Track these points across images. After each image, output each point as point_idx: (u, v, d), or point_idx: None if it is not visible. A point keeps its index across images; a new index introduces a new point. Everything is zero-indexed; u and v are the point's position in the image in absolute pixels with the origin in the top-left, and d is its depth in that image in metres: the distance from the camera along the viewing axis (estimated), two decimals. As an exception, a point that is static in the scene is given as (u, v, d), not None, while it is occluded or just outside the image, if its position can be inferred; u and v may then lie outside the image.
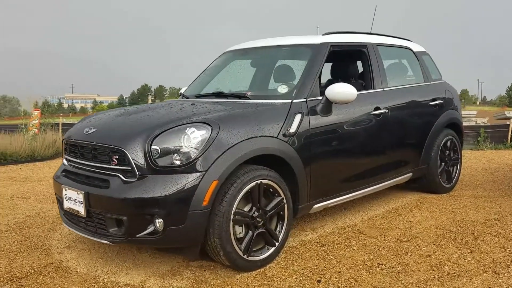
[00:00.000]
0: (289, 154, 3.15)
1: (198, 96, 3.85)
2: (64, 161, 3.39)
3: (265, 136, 3.02)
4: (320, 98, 3.44)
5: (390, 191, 4.80)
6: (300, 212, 3.38)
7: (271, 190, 3.08)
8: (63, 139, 3.41)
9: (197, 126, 2.83)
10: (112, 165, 2.90)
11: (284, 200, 3.15)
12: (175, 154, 2.75)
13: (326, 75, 5.10)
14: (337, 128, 3.53)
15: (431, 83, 4.79)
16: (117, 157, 2.87)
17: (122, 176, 2.83)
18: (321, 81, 5.20)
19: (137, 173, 2.76)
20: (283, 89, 3.51)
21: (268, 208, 3.05)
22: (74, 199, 3.02)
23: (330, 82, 4.79)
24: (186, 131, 2.79)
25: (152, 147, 2.76)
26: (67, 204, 3.13)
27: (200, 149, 2.75)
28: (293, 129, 3.19)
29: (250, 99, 3.45)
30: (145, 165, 2.75)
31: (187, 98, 3.96)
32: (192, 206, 2.71)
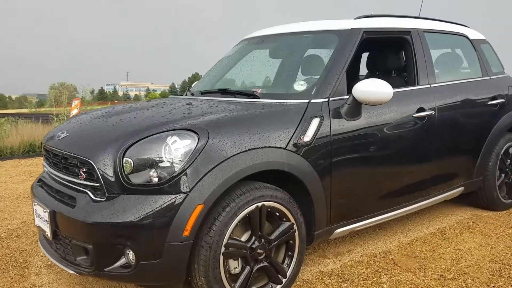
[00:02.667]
0: (302, 168, 2.51)
1: (203, 93, 3.26)
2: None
3: (270, 147, 2.39)
4: (347, 97, 2.76)
5: (437, 206, 4.03)
6: (317, 239, 2.73)
7: (278, 213, 2.46)
8: (41, 142, 2.93)
9: (180, 134, 2.24)
10: (80, 179, 2.38)
11: (295, 226, 2.52)
12: (152, 170, 2.18)
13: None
14: (367, 134, 2.83)
15: (491, 77, 3.95)
16: (85, 170, 2.35)
17: (91, 193, 2.30)
18: (360, 74, 4.53)
19: (105, 191, 2.23)
20: (300, 86, 2.85)
21: (272, 237, 2.44)
22: (42, 216, 2.54)
23: (369, 76, 4.07)
24: (166, 140, 2.22)
25: (124, 159, 2.20)
26: (36, 221, 2.65)
27: (183, 164, 2.17)
28: (307, 137, 2.53)
29: (259, 98, 2.82)
30: (115, 182, 2.21)
31: (192, 94, 3.38)
32: (170, 237, 2.14)
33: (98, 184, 2.26)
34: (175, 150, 2.19)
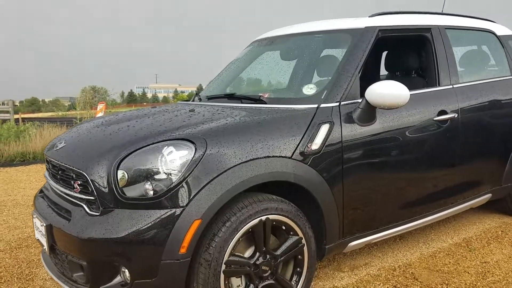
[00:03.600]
0: (310, 179, 2.33)
1: (209, 98, 3.12)
2: None
3: (274, 156, 2.23)
4: (360, 101, 2.57)
5: (463, 214, 3.77)
6: (329, 253, 2.56)
7: (284, 227, 2.30)
8: (44, 152, 2.86)
9: (177, 144, 2.11)
10: (75, 192, 2.27)
11: (303, 240, 2.35)
12: (148, 182, 2.05)
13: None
14: (382, 140, 2.64)
15: (521, 75, 3.66)
16: (79, 182, 2.24)
17: (87, 207, 2.20)
18: (381, 73, 4.31)
19: (100, 205, 2.11)
20: (309, 89, 2.67)
21: (278, 252, 2.28)
22: (40, 230, 2.45)
23: (387, 78, 3.86)
24: (162, 151, 2.09)
25: (119, 171, 2.09)
26: (36, 235, 2.57)
27: (179, 176, 2.03)
28: (316, 145, 2.36)
29: (266, 103, 2.66)
30: (110, 195, 2.09)
31: (200, 99, 3.25)
32: (166, 254, 2.01)
33: (92, 198, 2.16)
34: (171, 161, 2.06)
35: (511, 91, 3.49)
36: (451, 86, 3.10)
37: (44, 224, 2.33)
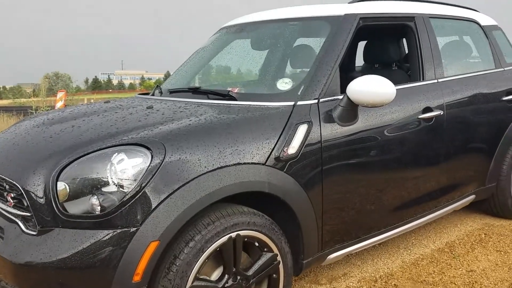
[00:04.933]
0: (286, 187, 2.04)
1: (171, 92, 2.77)
2: None
3: (245, 163, 1.92)
4: (340, 97, 2.28)
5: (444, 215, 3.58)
6: (307, 268, 2.28)
7: (258, 243, 2.00)
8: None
9: (129, 150, 1.77)
10: (9, 206, 1.91)
11: (279, 257, 2.06)
12: (94, 197, 1.71)
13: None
14: (364, 141, 2.37)
15: (505, 69, 3.47)
16: (13, 195, 1.88)
17: (22, 225, 1.84)
18: (356, 65, 4.05)
19: (36, 223, 1.76)
20: (284, 84, 2.37)
21: (250, 272, 1.98)
22: (-31, 249, 2.07)
23: (364, 70, 3.60)
24: (111, 159, 1.75)
25: (58, 183, 1.74)
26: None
27: (132, 189, 1.70)
28: (292, 148, 2.07)
29: (236, 99, 2.34)
30: (48, 211, 1.74)
31: (161, 93, 2.89)
32: (116, 283, 1.68)
33: (28, 214, 1.80)
34: (122, 171, 1.72)
35: (495, 85, 3.29)
36: (436, 80, 2.86)
37: (-27, 244, 1.96)
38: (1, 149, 2.08)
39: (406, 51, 3.40)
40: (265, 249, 2.03)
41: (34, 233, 1.78)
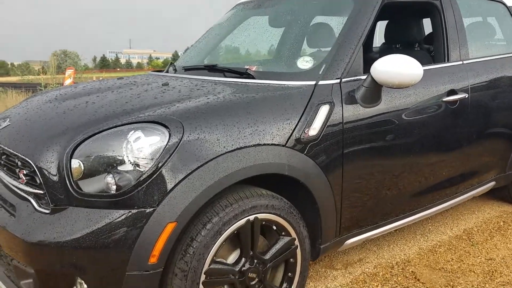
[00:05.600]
0: (306, 170, 1.97)
1: (186, 70, 2.69)
2: None
3: (265, 144, 1.85)
4: (364, 77, 2.19)
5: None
6: (324, 253, 2.22)
7: (276, 227, 1.94)
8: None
9: (146, 128, 1.70)
10: (21, 183, 1.86)
11: (296, 242, 2.01)
12: (109, 175, 1.65)
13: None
14: (387, 124, 2.28)
15: (531, 51, 3.33)
16: (25, 172, 1.82)
17: (35, 202, 1.79)
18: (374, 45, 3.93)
19: (50, 201, 1.71)
20: (305, 63, 2.28)
21: (268, 256, 1.93)
22: (-20, 226, 2.03)
23: (384, 50, 3.48)
24: (128, 136, 1.68)
25: (73, 161, 1.67)
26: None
27: (148, 169, 1.64)
28: (314, 130, 1.99)
29: (254, 78, 2.25)
30: (62, 189, 1.69)
31: (175, 70, 2.81)
32: (131, 265, 1.63)
33: (41, 192, 1.75)
34: (139, 149, 1.65)
35: (521, 69, 3.16)
36: (461, 62, 2.75)
37: (-17, 220, 1.92)
38: (12, 124, 2.02)
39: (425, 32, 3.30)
40: (283, 233, 1.97)
41: (47, 211, 1.72)
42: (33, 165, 1.74)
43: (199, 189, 1.67)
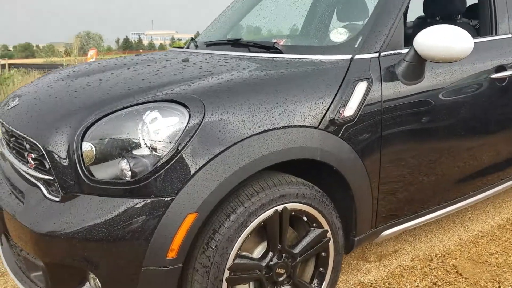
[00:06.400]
0: (341, 155, 1.77)
1: (208, 45, 2.49)
2: None
3: (296, 126, 1.65)
4: (405, 51, 1.96)
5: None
6: (358, 245, 2.03)
7: (306, 218, 1.76)
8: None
9: (163, 108, 1.52)
10: (30, 168, 1.71)
11: (329, 234, 1.82)
12: (124, 160, 1.48)
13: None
14: (430, 103, 2.05)
15: None
16: (34, 156, 1.67)
17: (45, 189, 1.64)
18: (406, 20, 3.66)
19: (59, 189, 1.56)
20: (339, 35, 2.05)
21: (297, 250, 1.75)
22: (-11, 213, 1.90)
23: (421, 25, 3.21)
24: (144, 117, 1.50)
25: (84, 144, 1.51)
26: (-12, 217, 2.02)
27: (166, 153, 1.47)
28: (350, 110, 1.78)
29: (282, 52, 2.04)
30: (72, 175, 1.53)
31: (196, 46, 2.61)
32: (148, 260, 1.47)
33: (51, 177, 1.60)
34: (155, 132, 1.48)
35: None
36: (510, 35, 2.48)
37: (-8, 207, 1.79)
38: (21, 104, 1.86)
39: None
40: (314, 225, 1.78)
41: (57, 199, 1.57)
42: (41, 148, 1.58)
43: (222, 176, 1.49)
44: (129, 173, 1.48)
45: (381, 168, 1.94)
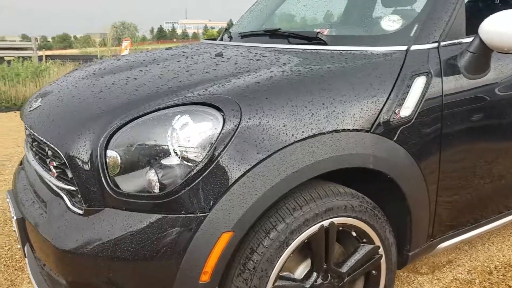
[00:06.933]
0: (395, 161, 1.55)
1: (243, 36, 2.30)
2: None
3: (345, 130, 1.44)
4: (467, 41, 1.71)
5: None
6: (413, 260, 1.81)
7: (355, 232, 1.56)
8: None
9: (195, 112, 1.35)
10: (52, 176, 1.58)
11: (381, 250, 1.61)
12: (151, 172, 1.32)
13: None
14: (496, 99, 1.79)
15: None
16: (55, 164, 1.54)
17: (68, 200, 1.50)
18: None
19: (82, 201, 1.41)
20: (391, 23, 1.81)
21: (345, 269, 1.55)
22: (13, 220, 1.80)
23: (478, 9, 2.90)
24: (173, 122, 1.33)
25: (109, 152, 1.36)
26: (13, 224, 1.92)
27: (198, 163, 1.29)
28: (407, 109, 1.55)
29: (326, 43, 1.82)
30: (96, 187, 1.38)
31: (230, 38, 2.42)
32: (179, 283, 1.31)
33: (73, 188, 1.46)
34: (186, 139, 1.31)
35: None
36: None
37: (15, 217, 1.68)
38: (44, 105, 1.73)
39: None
40: (364, 240, 1.58)
41: (81, 211, 1.43)
42: (63, 156, 1.44)
43: (261, 190, 1.31)
44: (158, 185, 1.32)
45: (440, 173, 1.71)
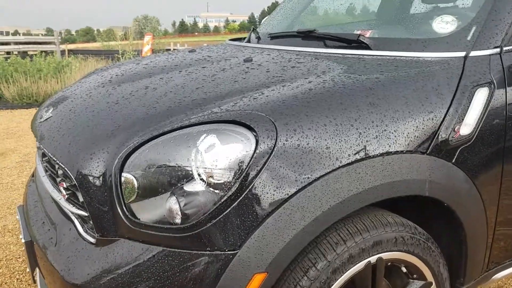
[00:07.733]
0: (453, 187, 1.34)
1: (273, 37, 2.09)
2: None
3: (397, 152, 1.23)
4: (535, 45, 1.47)
5: None
6: (465, 294, 1.60)
7: (405, 268, 1.35)
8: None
9: (222, 131, 1.16)
10: (63, 198, 1.41)
11: (434, 287, 1.40)
12: (172, 199, 1.14)
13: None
14: None
15: None
16: (65, 185, 1.37)
17: (79, 225, 1.34)
18: None
19: (95, 230, 1.24)
20: (445, 24, 1.59)
21: (393, 309, 1.35)
22: (22, 242, 1.65)
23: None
24: (197, 143, 1.15)
25: (124, 175, 1.18)
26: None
27: (226, 191, 1.11)
28: (467, 126, 1.34)
29: (370, 48, 1.61)
30: (110, 215, 1.21)
31: (258, 39, 2.22)
32: (203, 329, 1.13)
33: (85, 214, 1.29)
34: (212, 163, 1.12)
35: None
36: None
37: (24, 239, 1.53)
38: (54, 117, 1.57)
39: None
40: (415, 276, 1.37)
41: (93, 240, 1.27)
42: (73, 178, 1.28)
43: (300, 224, 1.11)
44: (179, 215, 1.14)
45: (501, 197, 1.49)
